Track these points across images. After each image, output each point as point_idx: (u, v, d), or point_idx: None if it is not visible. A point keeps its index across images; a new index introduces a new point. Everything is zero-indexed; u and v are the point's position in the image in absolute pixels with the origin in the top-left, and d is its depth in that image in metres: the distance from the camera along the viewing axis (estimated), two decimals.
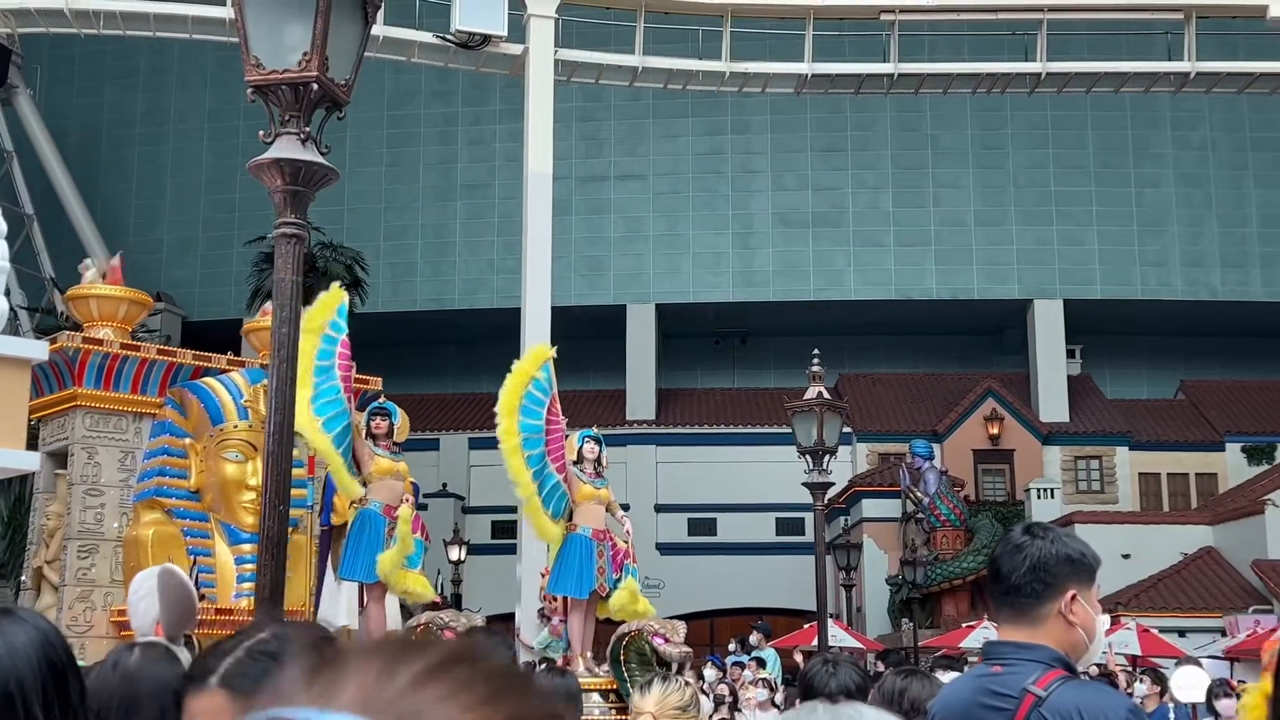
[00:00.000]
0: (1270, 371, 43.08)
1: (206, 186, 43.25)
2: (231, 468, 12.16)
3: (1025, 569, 2.86)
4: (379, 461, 10.35)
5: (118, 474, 12.39)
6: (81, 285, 13.00)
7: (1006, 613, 2.90)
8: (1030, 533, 2.92)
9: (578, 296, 40.35)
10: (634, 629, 9.88)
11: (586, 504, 10.86)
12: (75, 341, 12.26)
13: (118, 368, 12.39)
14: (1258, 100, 35.51)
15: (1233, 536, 33.10)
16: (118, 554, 12.08)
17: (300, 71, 5.47)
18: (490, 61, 24.63)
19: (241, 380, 12.48)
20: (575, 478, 10.91)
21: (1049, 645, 2.84)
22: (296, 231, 5.43)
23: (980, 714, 2.83)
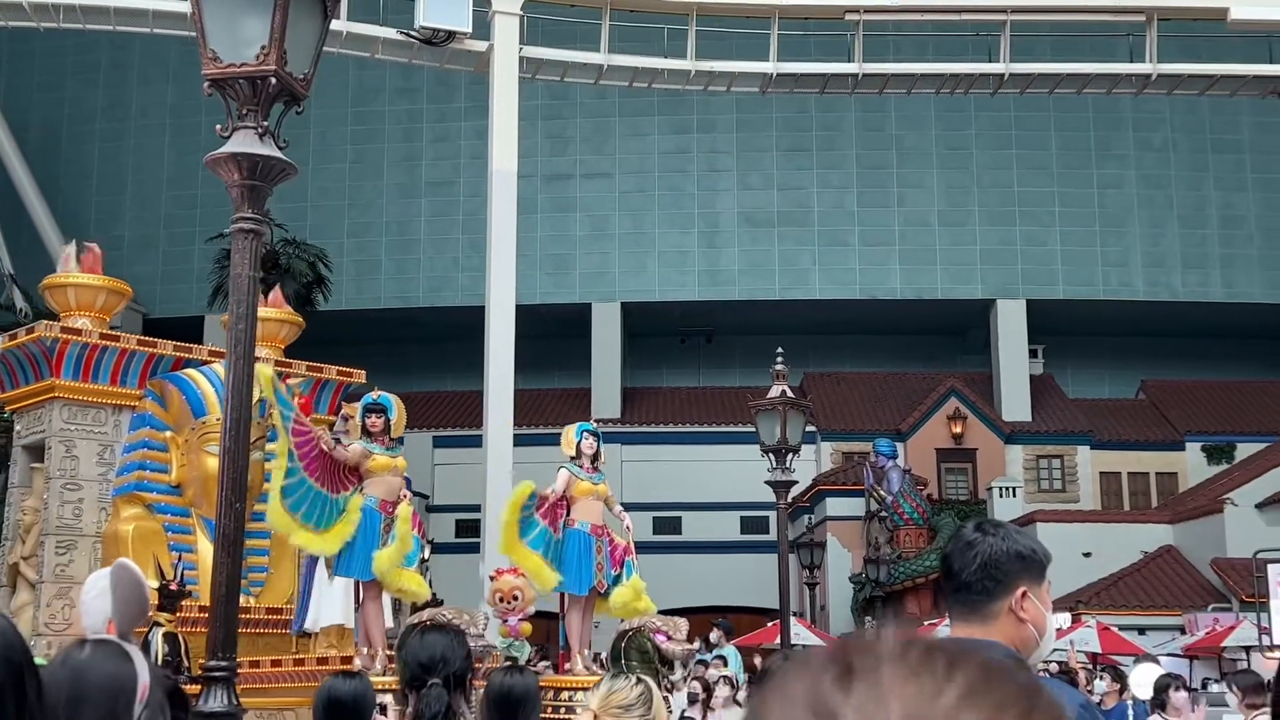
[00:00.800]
0: (1230, 372, 43.51)
1: (168, 183, 42.91)
2: (214, 461, 11.69)
3: (976, 566, 2.86)
4: (375, 458, 10.00)
5: (96, 468, 12.02)
6: (59, 274, 12.60)
7: (958, 610, 2.90)
8: (981, 530, 2.92)
9: (543, 295, 40.28)
10: (635, 626, 9.76)
11: (584, 500, 10.64)
12: (53, 331, 11.86)
13: (97, 358, 12.04)
14: (1218, 102, 35.84)
15: (1192, 535, 33.39)
16: (97, 550, 11.73)
17: (258, 65, 5.43)
18: (455, 58, 24.54)
19: (224, 372, 12.23)
20: (572, 474, 10.69)
21: (1000, 642, 2.83)
22: (254, 226, 5.38)
23: None
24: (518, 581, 11.11)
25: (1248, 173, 42.54)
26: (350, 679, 4.78)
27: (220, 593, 5.17)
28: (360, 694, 4.59)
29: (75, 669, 2.60)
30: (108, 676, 2.57)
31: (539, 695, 4.91)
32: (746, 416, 20.03)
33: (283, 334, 13.71)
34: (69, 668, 2.60)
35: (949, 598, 2.93)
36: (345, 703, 4.57)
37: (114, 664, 2.60)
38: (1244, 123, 41.63)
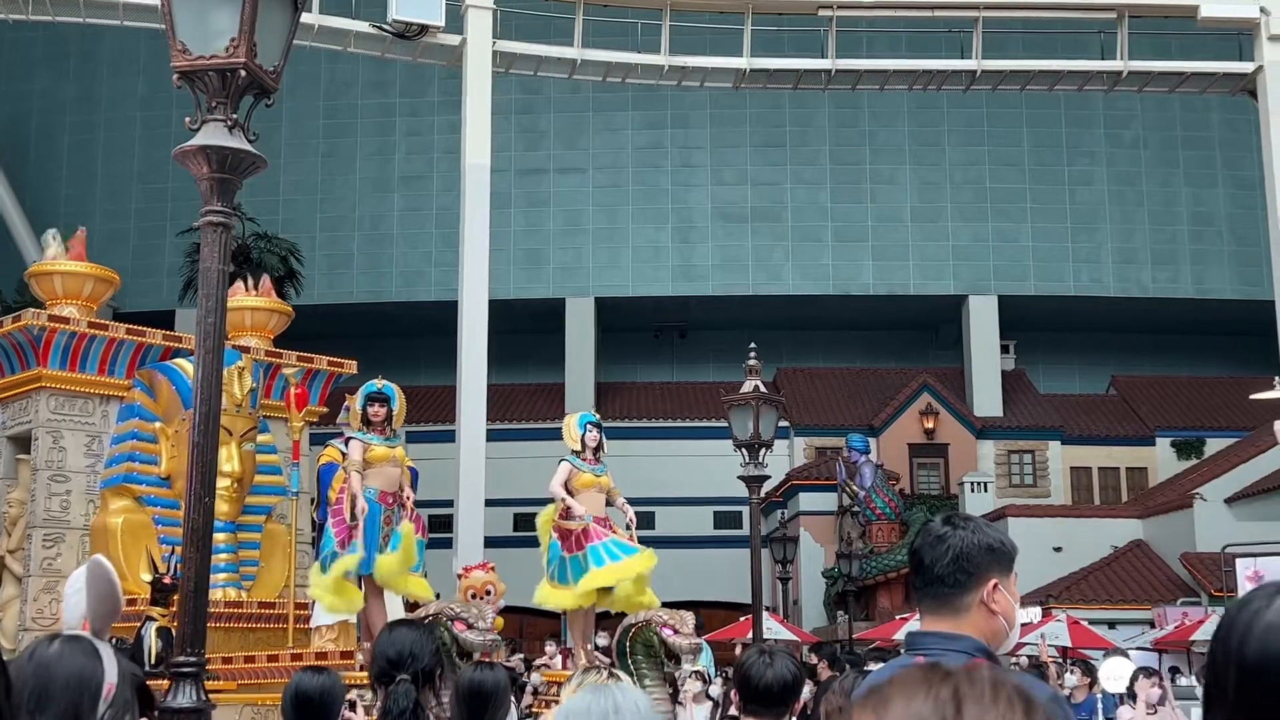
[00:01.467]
0: (1200, 367, 43.81)
1: (138, 176, 42.64)
2: None
3: (949, 560, 2.86)
4: (373, 449, 9.84)
5: (84, 459, 11.78)
6: (44, 261, 12.33)
7: (929, 603, 2.90)
8: (951, 523, 2.93)
9: (516, 290, 40.23)
10: (641, 620, 9.54)
11: (586, 492, 10.47)
12: (40, 320, 11.58)
13: (84, 347, 11.77)
14: (1188, 100, 36.06)
15: (1162, 530, 33.62)
16: (85, 543, 11.51)
17: (227, 58, 5.40)
18: (428, 52, 24.46)
19: None
20: (574, 466, 10.58)
21: (971, 635, 2.85)
22: (223, 220, 5.35)
23: None
24: (489, 577, 11.08)
25: (1218, 169, 42.84)
26: (318, 674, 4.76)
27: (189, 587, 5.14)
28: (327, 689, 4.57)
29: (41, 665, 2.58)
30: (73, 673, 2.55)
31: (509, 690, 4.92)
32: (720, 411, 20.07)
33: (272, 324, 13.58)
34: (35, 663, 2.59)
35: (920, 592, 2.93)
36: (313, 698, 4.55)
37: (81, 661, 2.58)
38: (1214, 120, 41.91)
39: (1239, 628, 1.90)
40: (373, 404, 10.04)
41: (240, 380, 11.72)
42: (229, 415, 11.43)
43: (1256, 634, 1.88)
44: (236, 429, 11.74)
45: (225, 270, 5.31)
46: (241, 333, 13.24)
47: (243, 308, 13.43)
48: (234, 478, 11.66)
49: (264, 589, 12.14)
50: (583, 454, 10.72)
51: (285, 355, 13.13)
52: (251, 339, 13.15)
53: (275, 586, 12.24)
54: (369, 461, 9.81)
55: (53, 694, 2.51)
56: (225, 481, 11.42)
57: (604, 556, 10.03)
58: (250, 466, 12.00)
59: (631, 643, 9.36)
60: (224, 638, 11.23)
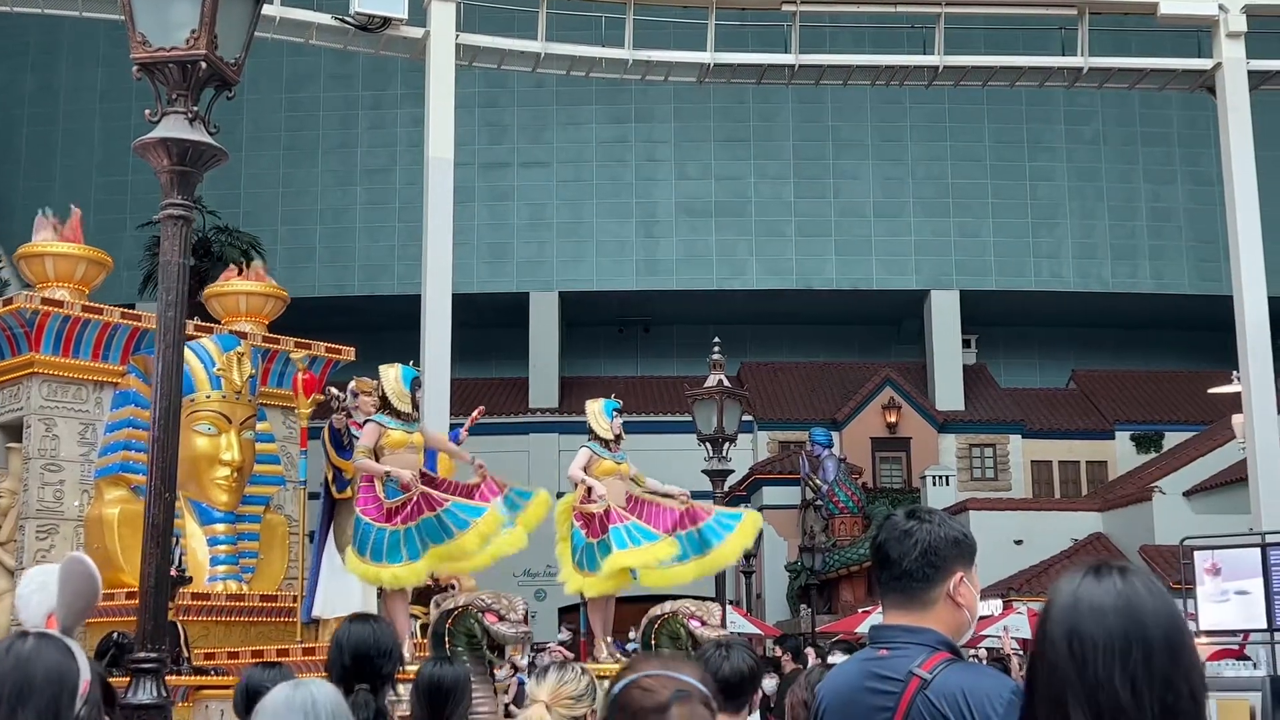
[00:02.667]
0: (1159, 362, 44.22)
1: (98, 168, 42.23)
2: (203, 441, 11.30)
3: (917, 554, 2.88)
4: (390, 434, 9.37)
5: (78, 448, 11.41)
6: (35, 243, 11.90)
7: (896, 598, 2.91)
8: (916, 517, 2.95)
9: (480, 284, 40.11)
10: (667, 611, 9.21)
11: (607, 479, 10.12)
12: (33, 303, 11.16)
13: (78, 332, 11.39)
14: (1148, 96, 36.34)
15: (1121, 523, 33.93)
16: (79, 534, 11.20)
17: (188, 49, 5.36)
18: (391, 45, 24.32)
19: (213, 347, 11.55)
20: (595, 453, 10.26)
21: (934, 628, 2.87)
22: (183, 213, 5.32)
23: (865, 697, 2.84)
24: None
25: (1177, 165, 43.22)
26: (270, 668, 4.74)
27: (149, 584, 5.10)
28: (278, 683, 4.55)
29: (20, 661, 2.56)
30: (52, 670, 2.53)
31: (469, 685, 4.90)
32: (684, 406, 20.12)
33: (268, 308, 13.27)
34: (13, 659, 2.57)
35: (885, 586, 2.94)
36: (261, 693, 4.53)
37: (58, 658, 2.56)
38: (1173, 116, 42.28)
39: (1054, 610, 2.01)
40: (417, 388, 9.77)
41: (239, 366, 11.45)
42: (228, 402, 11.32)
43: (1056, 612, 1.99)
44: (236, 416, 11.48)
45: (186, 264, 5.28)
46: (236, 318, 12.95)
47: (238, 292, 13.18)
48: (234, 466, 11.39)
49: (263, 581, 11.85)
50: (608, 442, 10.37)
51: (282, 341, 12.83)
52: (247, 324, 12.80)
53: (275, 579, 11.99)
54: (384, 447, 9.39)
55: (34, 690, 2.49)
56: (225, 471, 11.27)
57: (625, 539, 9.70)
58: (250, 455, 11.70)
59: (657, 635, 9.15)
60: (225, 632, 10.96)
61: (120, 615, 10.43)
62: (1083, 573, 2.04)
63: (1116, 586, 1.99)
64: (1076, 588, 2.00)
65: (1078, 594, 1.99)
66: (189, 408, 11.09)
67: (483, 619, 8.06)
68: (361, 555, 9.10)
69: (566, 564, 9.96)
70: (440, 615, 8.27)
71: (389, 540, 9.04)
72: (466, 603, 8.17)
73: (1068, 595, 2.00)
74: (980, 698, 2.68)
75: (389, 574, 9.03)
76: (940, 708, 2.71)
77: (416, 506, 9.09)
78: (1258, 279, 24.00)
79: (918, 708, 2.73)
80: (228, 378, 11.35)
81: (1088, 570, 2.04)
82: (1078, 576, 2.03)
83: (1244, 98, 24.43)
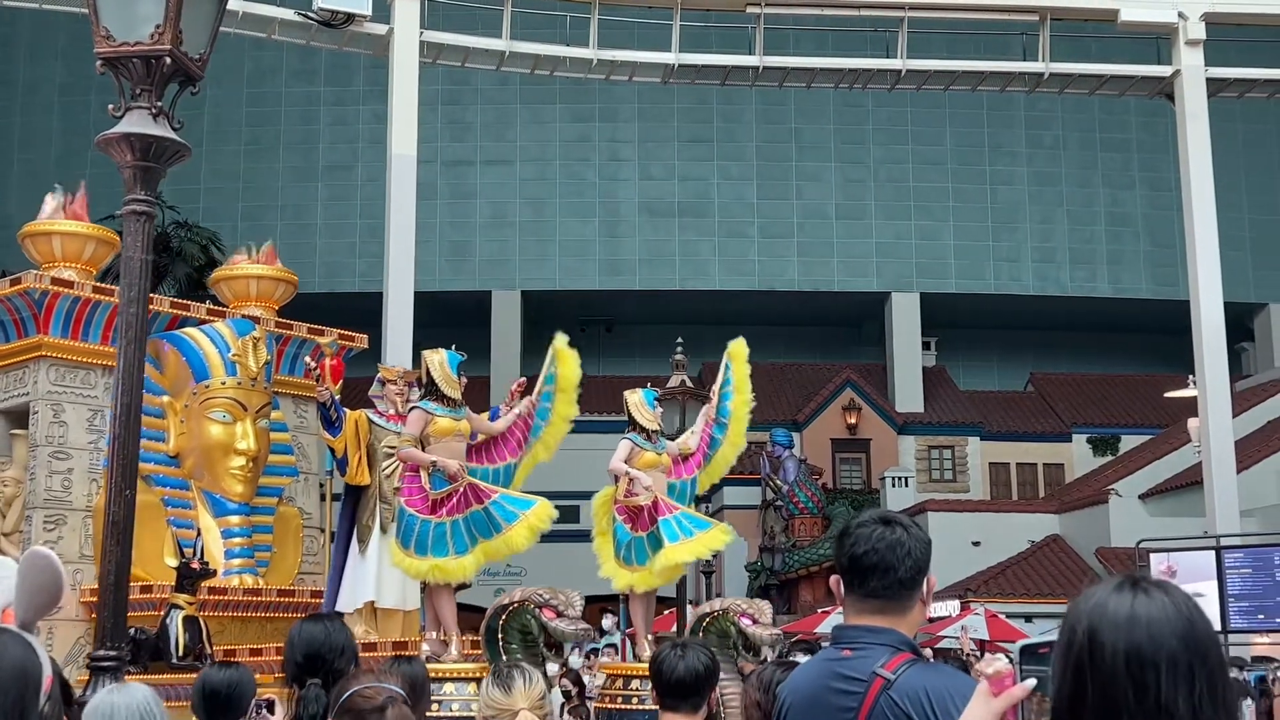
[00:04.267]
0: (1115, 365, 44.63)
1: (56, 163, 41.76)
2: (217, 429, 10.89)
3: (911, 563, 2.91)
4: (437, 421, 8.93)
5: (86, 435, 10.87)
6: (42, 221, 11.48)
7: (875, 603, 2.92)
8: (901, 525, 2.96)
9: (442, 282, 39.99)
10: (717, 608, 8.78)
11: (649, 471, 9.65)
12: (42, 283, 10.63)
13: (88, 314, 10.86)
14: (1108, 102, 36.71)
15: (1078, 525, 34.21)
16: (88, 525, 10.65)
17: (152, 44, 5.32)
18: (354, 41, 24.22)
19: (228, 331, 11.15)
20: (636, 445, 9.71)
21: (898, 629, 2.90)
22: (146, 209, 5.28)
23: (829, 697, 2.86)
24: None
25: (1135, 171, 43.64)
26: (226, 668, 4.74)
27: (109, 580, 5.07)
28: (235, 683, 4.55)
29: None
30: (16, 665, 2.51)
31: (428, 683, 4.91)
32: None
33: (278, 293, 12.87)
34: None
35: (868, 594, 2.92)
36: (219, 692, 4.52)
37: (21, 653, 2.54)
38: (1132, 122, 42.69)
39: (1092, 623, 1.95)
40: (462, 374, 9.40)
41: (255, 352, 11.06)
42: (244, 390, 10.93)
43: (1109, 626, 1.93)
44: (251, 404, 11.07)
45: (148, 260, 5.24)
46: (246, 302, 12.49)
47: (247, 276, 12.72)
48: (249, 456, 10.96)
49: (277, 576, 11.41)
50: (647, 433, 9.80)
51: (295, 327, 12.48)
52: (256, 309, 12.35)
53: (289, 573, 11.62)
54: (432, 435, 8.91)
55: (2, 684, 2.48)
56: (240, 460, 10.89)
57: (677, 531, 9.27)
58: (265, 444, 11.25)
59: (705, 632, 8.79)
60: (241, 628, 10.59)
61: (134, 610, 10.08)
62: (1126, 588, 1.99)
63: (1167, 605, 1.94)
64: (1131, 604, 1.95)
65: (1134, 612, 1.93)
66: (203, 394, 10.85)
67: (540, 615, 7.75)
68: (405, 548, 8.74)
69: (609, 560, 9.52)
70: (494, 611, 7.96)
71: (434, 532, 8.66)
72: (522, 598, 7.80)
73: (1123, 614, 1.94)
74: (943, 697, 2.71)
75: (431, 566, 8.65)
76: (904, 707, 2.74)
77: (464, 498, 8.74)
78: (1214, 284, 24.27)
79: (881, 707, 2.76)
80: (243, 363, 10.93)
81: (1127, 585, 2.00)
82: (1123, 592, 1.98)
83: (1202, 105, 24.71)
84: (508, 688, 4.20)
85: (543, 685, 4.31)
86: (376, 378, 10.36)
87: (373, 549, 10.02)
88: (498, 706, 4.18)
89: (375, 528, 10.13)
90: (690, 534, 9.37)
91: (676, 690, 4.37)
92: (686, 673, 4.37)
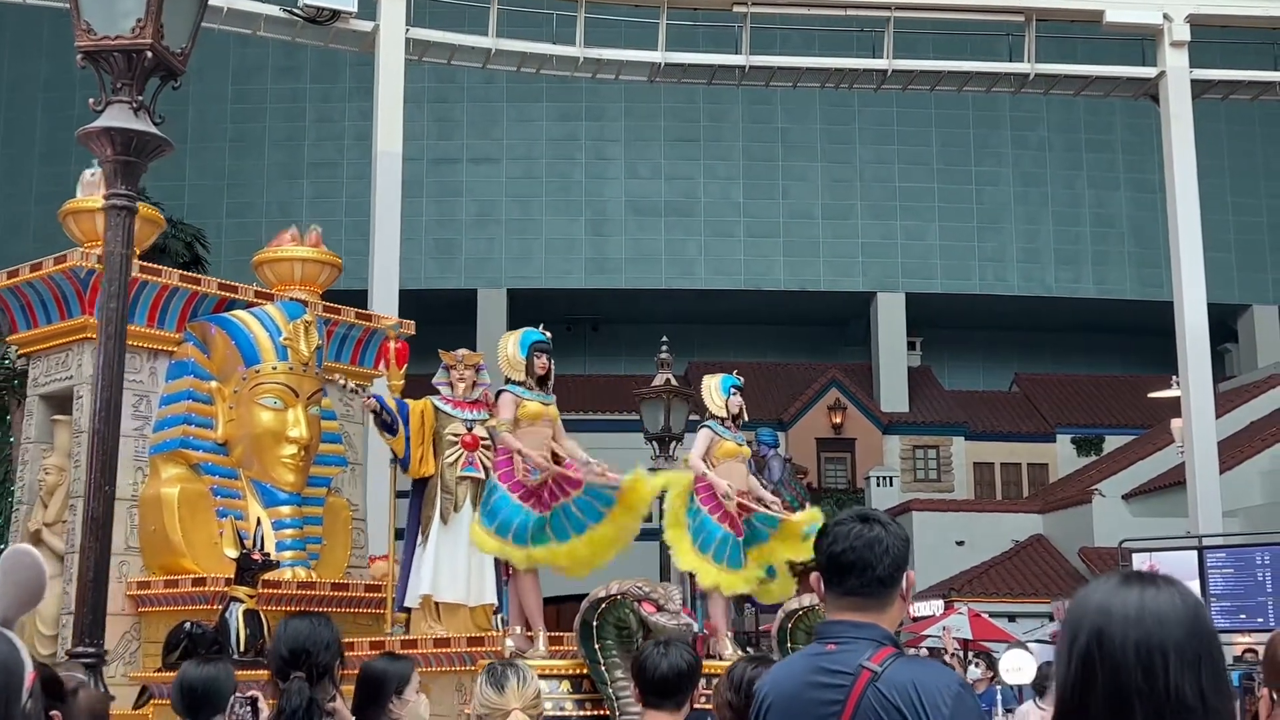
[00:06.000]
0: (1100, 366, 44.75)
1: (40, 159, 41.64)
2: (268, 416, 10.47)
3: (890, 561, 2.92)
4: (526, 405, 8.48)
5: (131, 421, 10.22)
6: (81, 198, 11.11)
7: (855, 600, 2.92)
8: (879, 523, 2.97)
9: (428, 280, 39.91)
10: (805, 605, 8.05)
11: (729, 462, 9.13)
12: (89, 261, 10.12)
13: (135, 295, 10.12)
14: (1093, 103, 36.80)
15: (1061, 525, 34.30)
16: (133, 515, 10.28)
17: (134, 38, 5.30)
18: (339, 38, 24.16)
19: (278, 314, 10.74)
20: (716, 433, 9.18)
21: (881, 624, 2.91)
22: (127, 203, 5.26)
23: (812, 692, 2.86)
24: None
25: (1120, 172, 43.75)
26: (206, 664, 4.73)
27: (88, 576, 5.04)
28: (212, 679, 4.55)
29: None
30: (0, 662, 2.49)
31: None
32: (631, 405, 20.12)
33: (322, 277, 12.44)
34: None
35: (848, 592, 2.93)
36: (196, 689, 4.52)
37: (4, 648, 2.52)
38: (1117, 123, 42.80)
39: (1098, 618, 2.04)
40: (539, 354, 8.75)
41: (307, 336, 10.64)
42: (295, 375, 10.55)
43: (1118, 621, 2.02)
44: (303, 390, 10.64)
45: (129, 254, 5.22)
46: (290, 286, 11.98)
47: (292, 258, 12.27)
48: (301, 444, 10.52)
49: (327, 569, 10.95)
50: (725, 421, 9.27)
51: (344, 311, 12.15)
52: (300, 292, 11.85)
53: (339, 566, 11.21)
54: (520, 420, 8.46)
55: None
56: (292, 449, 10.49)
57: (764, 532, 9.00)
58: (317, 432, 10.81)
59: (794, 629, 8.46)
60: None
61: (187, 604, 9.77)
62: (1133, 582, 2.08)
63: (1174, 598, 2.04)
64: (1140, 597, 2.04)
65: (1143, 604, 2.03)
66: (253, 379, 10.49)
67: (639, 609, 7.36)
68: (488, 526, 8.31)
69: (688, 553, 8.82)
70: (590, 605, 7.55)
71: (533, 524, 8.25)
72: (619, 591, 7.41)
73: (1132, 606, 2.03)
74: (931, 689, 2.73)
75: (522, 554, 8.22)
76: (891, 699, 2.75)
77: (552, 492, 8.40)
78: (1198, 285, 24.35)
79: (868, 700, 2.76)
80: (294, 347, 10.51)
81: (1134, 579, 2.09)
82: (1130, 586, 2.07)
83: (1186, 106, 24.79)
84: (500, 687, 4.18)
85: (537, 685, 4.29)
86: (442, 365, 10.18)
87: (432, 541, 9.56)
88: (491, 705, 4.17)
89: (435, 518, 9.67)
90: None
91: (659, 688, 4.36)
92: (670, 670, 4.35)
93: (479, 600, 9.69)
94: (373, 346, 12.25)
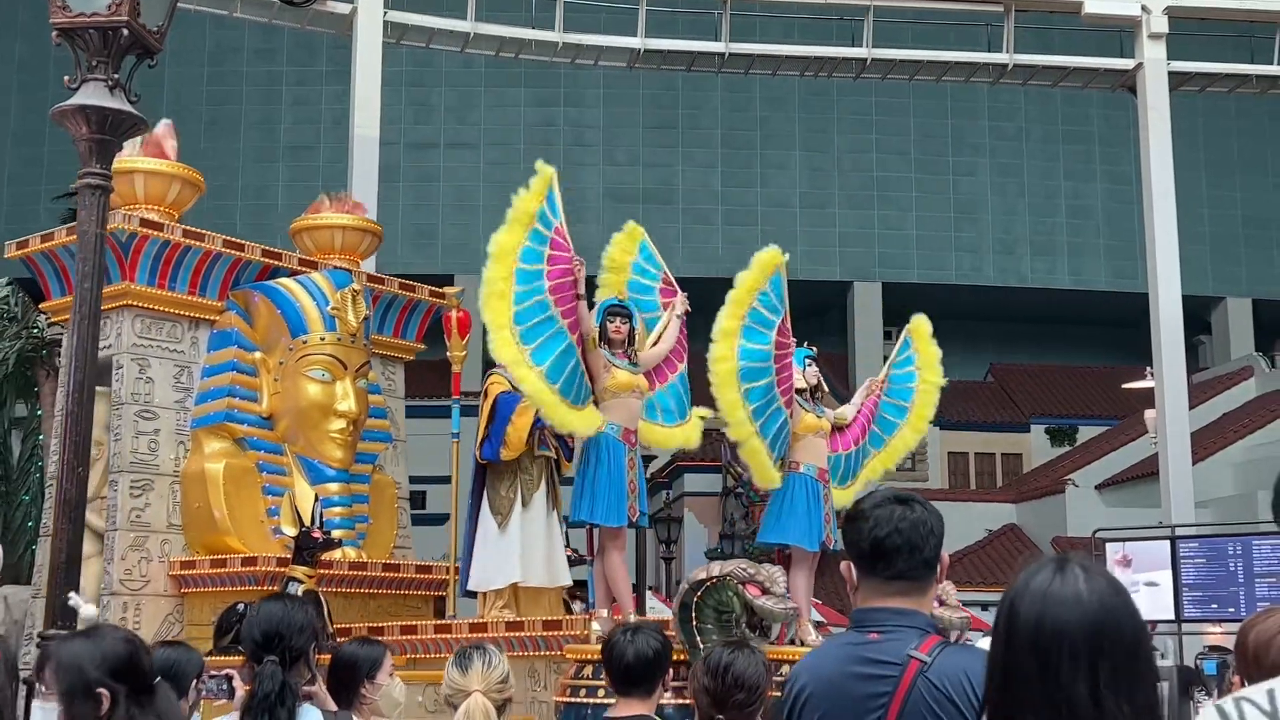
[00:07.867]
0: (1074, 356, 44.96)
1: (13, 140, 41.30)
2: (315, 388, 10.07)
3: (935, 542, 2.83)
4: (616, 374, 8.05)
5: (173, 393, 9.96)
6: (123, 158, 10.35)
7: (901, 585, 2.81)
8: (918, 503, 2.87)
9: (404, 265, 39.66)
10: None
11: (809, 437, 8.78)
12: (131, 224, 9.73)
13: (176, 260, 9.97)
14: (1070, 95, 36.91)
15: (1035, 514, 34.46)
16: (175, 491, 9.87)
17: (110, 16, 5.24)
18: (317, 20, 23.98)
19: (325, 283, 10.33)
20: (798, 407, 8.76)
21: (922, 610, 2.81)
22: (101, 182, 5.20)
23: (855, 684, 2.74)
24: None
25: (1096, 164, 43.92)
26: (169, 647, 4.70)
27: (60, 559, 4.99)
28: (174, 662, 4.52)
29: None
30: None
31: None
32: None
33: (363, 245, 12.02)
34: None
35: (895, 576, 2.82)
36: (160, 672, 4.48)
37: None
38: (1094, 115, 42.94)
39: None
40: (613, 319, 8.40)
41: (355, 306, 10.29)
42: (343, 346, 10.18)
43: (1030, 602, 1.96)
44: (351, 362, 10.27)
45: (103, 234, 5.16)
46: (330, 255, 11.58)
47: (332, 225, 11.86)
48: (350, 418, 10.14)
49: (374, 548, 10.60)
50: (803, 393, 8.92)
51: (387, 281, 11.81)
52: (340, 260, 11.47)
53: (385, 546, 10.86)
54: (609, 390, 8.01)
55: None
56: (340, 423, 10.11)
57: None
58: (365, 406, 10.43)
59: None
60: (343, 604, 9.69)
61: (235, 584, 9.41)
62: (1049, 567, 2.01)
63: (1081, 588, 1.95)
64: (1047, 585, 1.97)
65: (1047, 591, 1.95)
66: (300, 350, 10.11)
67: (743, 591, 7.02)
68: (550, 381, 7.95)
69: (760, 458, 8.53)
70: (690, 586, 7.22)
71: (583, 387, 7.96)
72: (722, 573, 7.11)
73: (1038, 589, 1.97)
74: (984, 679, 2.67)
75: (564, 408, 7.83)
76: (944, 689, 2.65)
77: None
78: (1172, 277, 24.45)
79: (919, 690, 2.67)
80: (342, 318, 10.14)
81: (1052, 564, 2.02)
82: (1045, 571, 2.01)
83: (1164, 98, 24.87)
84: (464, 668, 4.14)
85: (504, 668, 4.25)
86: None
87: (514, 525, 9.23)
88: (454, 686, 4.13)
89: (516, 500, 9.35)
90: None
91: (627, 674, 4.31)
92: (636, 657, 4.29)
93: (557, 582, 9.51)
94: (416, 318, 11.96)
